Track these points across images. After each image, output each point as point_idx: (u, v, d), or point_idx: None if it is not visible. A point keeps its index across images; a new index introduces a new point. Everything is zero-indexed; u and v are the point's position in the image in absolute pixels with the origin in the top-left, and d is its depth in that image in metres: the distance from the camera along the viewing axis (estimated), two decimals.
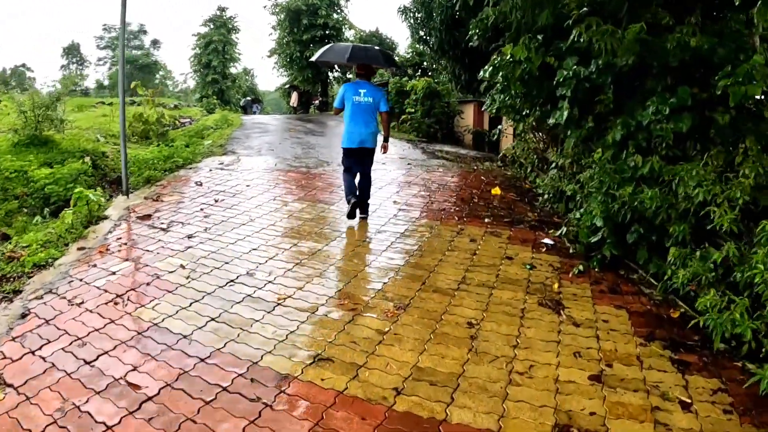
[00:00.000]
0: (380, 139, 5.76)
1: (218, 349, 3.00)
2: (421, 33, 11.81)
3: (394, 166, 8.85)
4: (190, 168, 8.04)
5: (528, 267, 4.49)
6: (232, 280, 3.97)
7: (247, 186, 6.95)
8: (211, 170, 7.84)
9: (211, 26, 38.55)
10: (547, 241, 5.17)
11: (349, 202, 5.48)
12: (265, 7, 25.69)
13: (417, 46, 28.47)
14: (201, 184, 6.97)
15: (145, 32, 54.11)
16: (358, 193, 5.58)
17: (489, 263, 4.55)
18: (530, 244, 5.11)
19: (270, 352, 2.99)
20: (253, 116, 21.05)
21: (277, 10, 25.54)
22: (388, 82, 17.84)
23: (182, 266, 4.19)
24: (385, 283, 4.07)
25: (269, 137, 12.32)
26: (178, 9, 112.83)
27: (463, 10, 9.13)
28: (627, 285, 4.21)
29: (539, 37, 5.46)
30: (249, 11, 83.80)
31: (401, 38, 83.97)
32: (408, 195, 6.96)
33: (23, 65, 60.39)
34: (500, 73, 5.78)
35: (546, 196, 6.61)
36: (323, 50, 6.06)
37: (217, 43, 36.64)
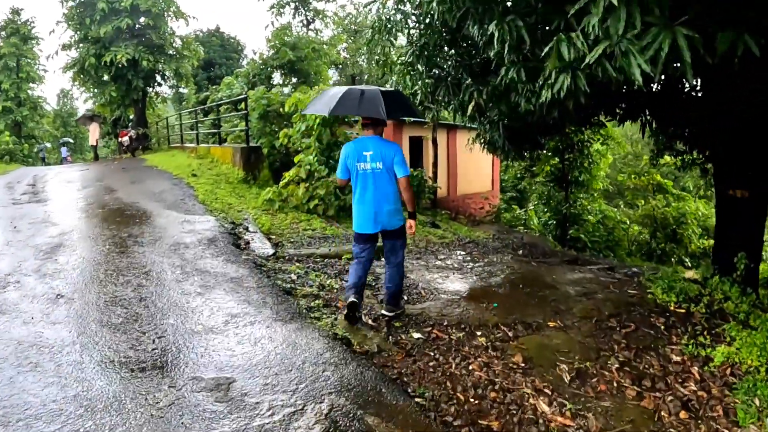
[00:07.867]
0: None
1: None
2: None
3: None
4: None
5: None
6: None
7: None
8: None
9: (3, 35, 27.63)
10: None
11: (346, 299, 3.71)
12: None
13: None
14: None
15: None
16: (385, 284, 4.02)
17: None
18: None
19: None
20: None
21: None
22: (246, 97, 10.03)
23: None
24: None
25: None
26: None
27: None
28: None
29: None
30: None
31: (248, 38, 74.53)
32: None
33: None
34: None
35: None
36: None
37: (8, 58, 26.06)
